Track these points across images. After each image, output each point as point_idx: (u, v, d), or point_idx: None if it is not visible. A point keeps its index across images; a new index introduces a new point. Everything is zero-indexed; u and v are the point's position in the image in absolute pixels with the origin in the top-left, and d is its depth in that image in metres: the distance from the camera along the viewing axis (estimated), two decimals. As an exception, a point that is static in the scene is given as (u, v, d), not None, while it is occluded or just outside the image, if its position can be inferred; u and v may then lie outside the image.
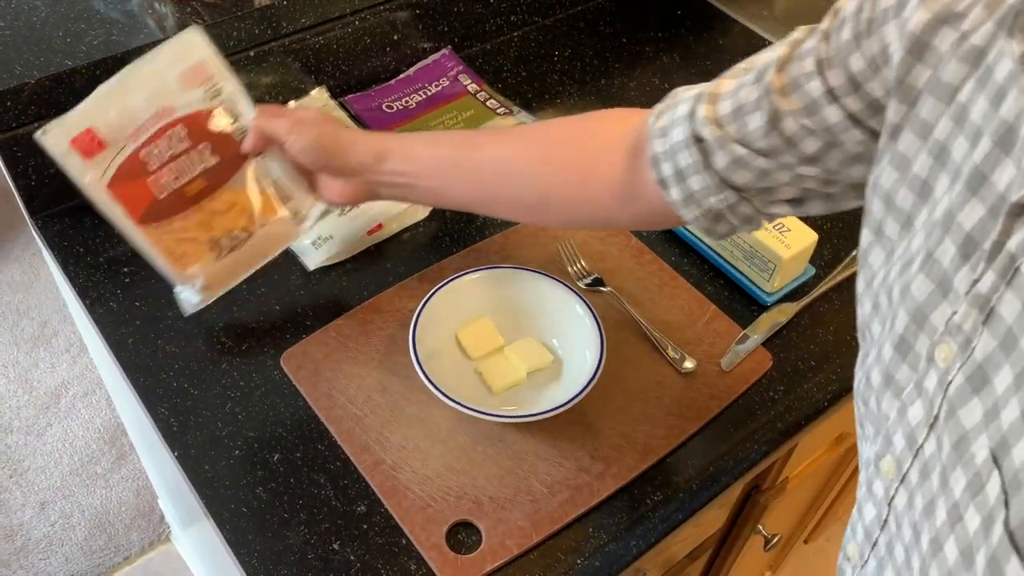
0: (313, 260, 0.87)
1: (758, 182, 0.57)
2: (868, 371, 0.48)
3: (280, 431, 0.75)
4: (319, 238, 0.87)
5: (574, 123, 0.72)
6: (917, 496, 0.44)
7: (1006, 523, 0.35)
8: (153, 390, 0.77)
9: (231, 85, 0.74)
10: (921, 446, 0.43)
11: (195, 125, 0.73)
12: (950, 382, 0.41)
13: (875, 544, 0.50)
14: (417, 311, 0.77)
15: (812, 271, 0.89)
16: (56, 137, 0.68)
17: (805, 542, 1.57)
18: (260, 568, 0.67)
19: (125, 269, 0.85)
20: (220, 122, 0.74)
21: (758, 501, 1.01)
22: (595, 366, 0.74)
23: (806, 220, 0.87)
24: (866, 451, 0.50)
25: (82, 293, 0.83)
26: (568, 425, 0.75)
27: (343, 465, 0.73)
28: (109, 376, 1.17)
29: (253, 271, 0.79)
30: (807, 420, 0.80)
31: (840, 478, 1.32)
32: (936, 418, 0.41)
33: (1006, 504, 0.36)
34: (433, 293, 0.78)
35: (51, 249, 0.87)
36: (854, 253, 0.91)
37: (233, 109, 0.75)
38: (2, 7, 0.89)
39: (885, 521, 0.48)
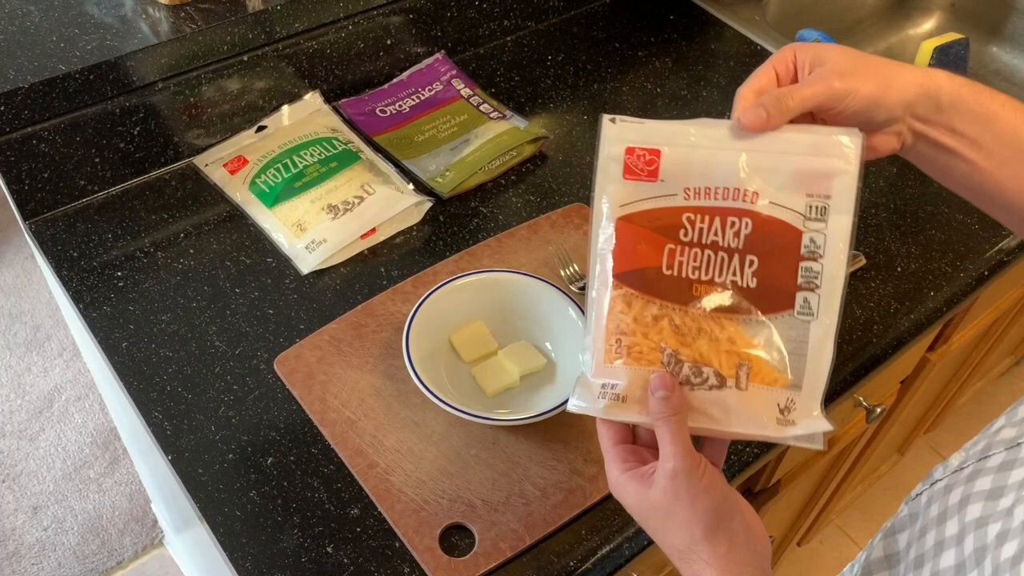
0: (307, 264, 0.87)
1: None
2: None
3: (273, 435, 0.75)
4: (312, 242, 0.87)
5: None
6: None
7: None
8: (146, 394, 0.77)
9: (843, 221, 0.55)
10: None
11: (765, 233, 0.55)
12: None
13: (987, 457, 0.50)
14: (411, 315, 0.77)
15: (804, 274, 0.89)
16: (618, 132, 0.58)
17: (798, 544, 1.57)
18: (254, 571, 0.67)
19: (119, 273, 0.85)
20: (800, 247, 0.55)
21: (751, 503, 1.01)
22: (588, 369, 0.75)
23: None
24: None
25: (75, 297, 0.83)
26: (561, 428, 0.75)
27: (337, 468, 0.73)
28: (102, 380, 1.17)
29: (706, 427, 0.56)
30: (799, 423, 0.80)
31: (832, 481, 1.32)
32: None
33: None
34: (427, 297, 0.79)
35: (44, 253, 0.87)
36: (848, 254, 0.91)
37: (815, 247, 0.55)
38: (-4, 12, 0.89)
39: (1019, 443, 0.48)
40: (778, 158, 0.55)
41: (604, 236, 0.57)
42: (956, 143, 0.58)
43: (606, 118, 0.58)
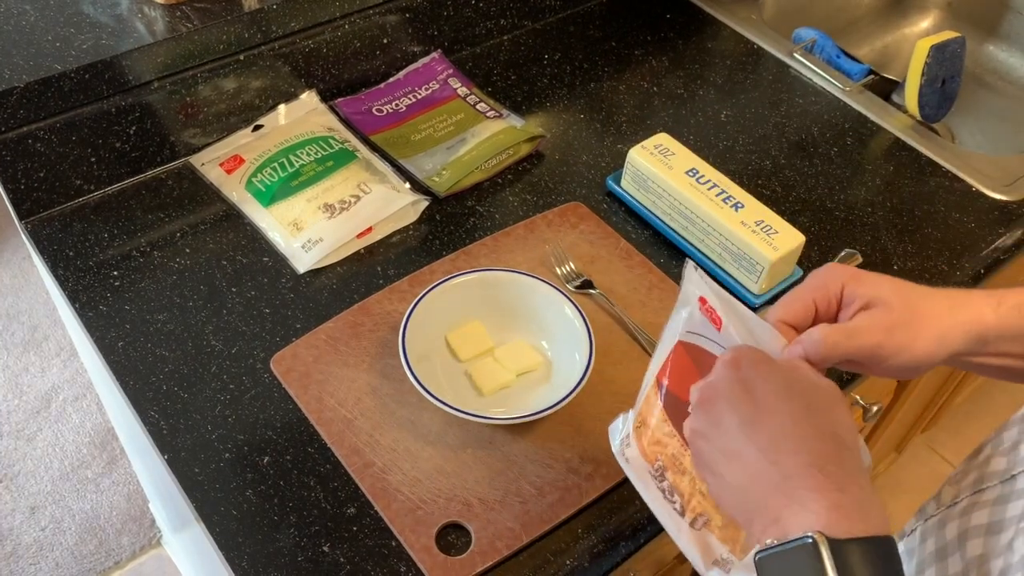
0: (303, 263, 0.87)
1: None
2: None
3: (270, 434, 0.75)
4: (309, 241, 0.87)
5: None
6: None
7: None
8: (143, 393, 0.77)
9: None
10: None
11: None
12: None
13: (981, 491, 0.49)
14: (407, 314, 0.77)
15: (800, 273, 0.89)
16: (698, 279, 0.60)
17: (796, 543, 1.57)
18: (250, 570, 0.67)
19: (115, 273, 0.85)
20: None
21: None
22: (584, 368, 0.75)
23: (793, 222, 0.87)
24: None
25: (72, 297, 0.83)
26: (558, 427, 0.75)
27: (333, 468, 0.73)
28: (99, 380, 1.17)
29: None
30: (795, 421, 0.80)
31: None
32: None
33: None
34: (423, 296, 0.79)
35: (40, 253, 0.87)
36: (842, 254, 0.91)
37: None
38: (-9, 11, 0.89)
39: (1013, 476, 0.48)
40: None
41: (668, 345, 0.61)
42: (1006, 361, 0.57)
43: (690, 263, 0.61)
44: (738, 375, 0.51)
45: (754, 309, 0.86)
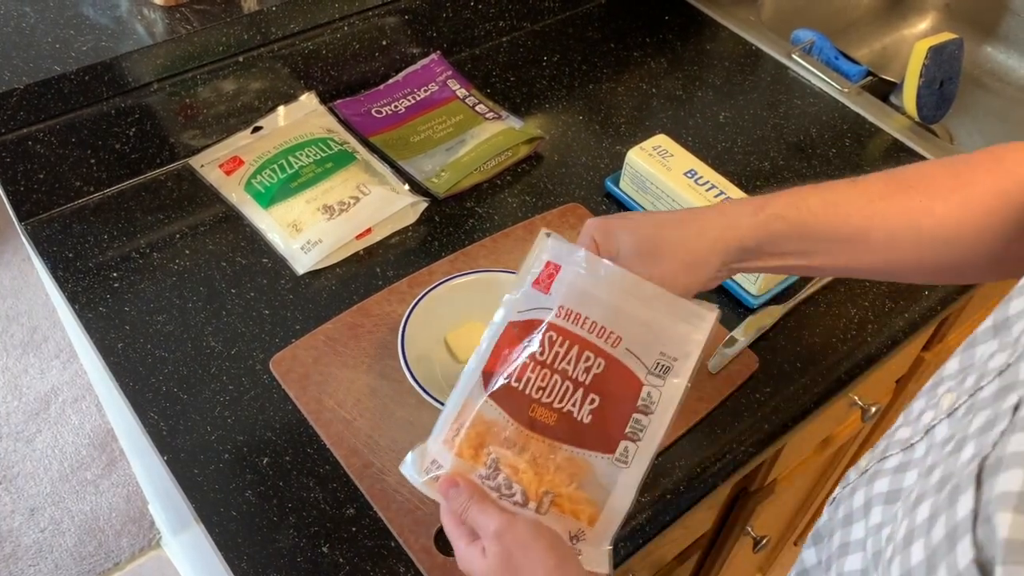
0: (302, 264, 0.87)
1: None
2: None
3: (269, 435, 0.75)
4: (308, 242, 0.87)
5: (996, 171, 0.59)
6: (949, 430, 0.44)
7: (983, 459, 0.36)
8: (142, 395, 0.77)
9: (679, 384, 0.59)
10: (981, 388, 0.43)
11: (613, 376, 0.59)
12: None
13: (885, 459, 0.51)
14: (406, 315, 0.77)
15: (798, 274, 0.89)
16: (548, 245, 0.62)
17: (795, 544, 1.57)
18: (249, 572, 0.67)
19: (114, 274, 0.85)
20: (638, 398, 0.59)
21: (746, 503, 1.02)
22: (583, 369, 0.75)
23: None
24: (941, 383, 0.50)
25: (72, 298, 0.83)
26: (556, 428, 0.75)
27: (332, 468, 0.73)
28: (99, 381, 1.17)
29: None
30: (794, 421, 0.80)
31: (828, 481, 1.32)
32: (1008, 366, 0.42)
33: (993, 445, 0.37)
34: (422, 297, 0.79)
35: (40, 254, 0.87)
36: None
37: (650, 401, 0.59)
38: (-9, 13, 0.89)
39: (912, 444, 0.49)
40: (648, 311, 0.59)
41: (493, 330, 0.61)
42: (781, 261, 0.61)
43: (543, 232, 0.62)
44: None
45: (753, 309, 0.87)
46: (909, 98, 1.10)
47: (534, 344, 0.59)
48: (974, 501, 0.35)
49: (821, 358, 0.84)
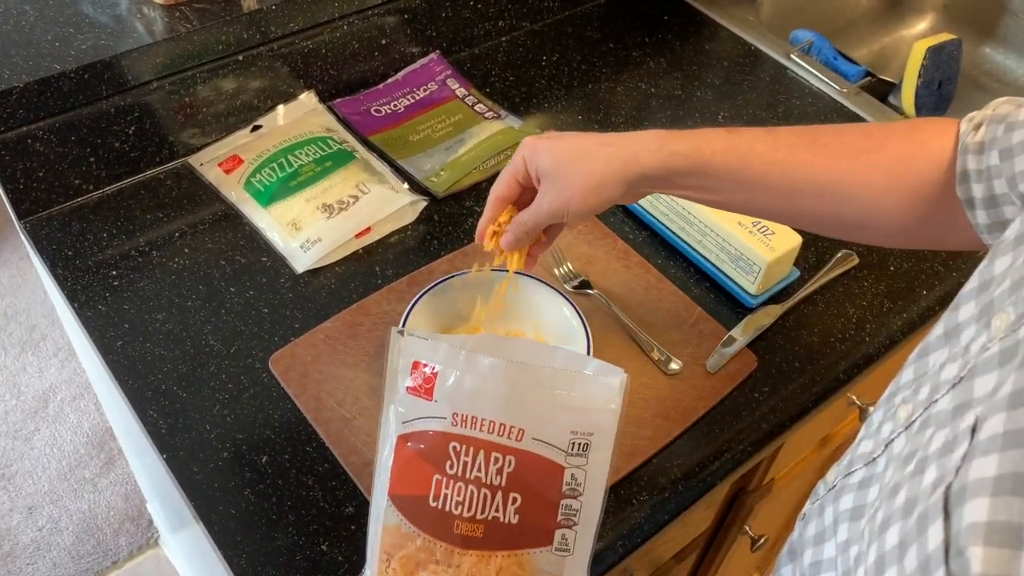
0: (301, 263, 0.87)
1: None
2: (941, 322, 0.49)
3: (268, 433, 0.75)
4: (307, 241, 0.87)
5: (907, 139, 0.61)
6: (907, 444, 0.45)
7: (948, 487, 0.37)
8: (142, 393, 0.77)
9: (603, 457, 0.57)
10: (936, 401, 0.44)
11: (528, 470, 0.56)
12: (987, 351, 0.41)
13: (850, 474, 0.51)
14: (405, 313, 0.77)
15: (796, 274, 0.89)
16: (406, 345, 0.58)
17: (793, 543, 1.57)
18: (248, 570, 0.67)
19: (113, 272, 0.85)
20: (562, 484, 0.57)
21: (744, 502, 1.02)
22: (582, 368, 0.75)
23: (791, 223, 0.88)
24: (897, 393, 0.51)
25: (70, 297, 0.83)
26: (555, 426, 0.76)
27: (331, 467, 0.73)
28: (98, 380, 1.17)
29: None
30: (792, 421, 0.80)
31: (827, 479, 1.33)
32: (960, 379, 0.42)
33: (956, 471, 0.37)
34: (421, 296, 0.79)
35: (39, 252, 0.87)
36: (839, 255, 0.92)
37: (576, 484, 0.57)
38: (-10, 11, 0.89)
39: (874, 459, 0.49)
40: (546, 394, 0.56)
41: (387, 449, 0.59)
42: (684, 192, 0.65)
43: (394, 331, 0.59)
44: None
45: (751, 309, 0.87)
46: (908, 98, 1.10)
47: (439, 459, 0.57)
48: (943, 532, 0.35)
49: (819, 357, 0.84)
